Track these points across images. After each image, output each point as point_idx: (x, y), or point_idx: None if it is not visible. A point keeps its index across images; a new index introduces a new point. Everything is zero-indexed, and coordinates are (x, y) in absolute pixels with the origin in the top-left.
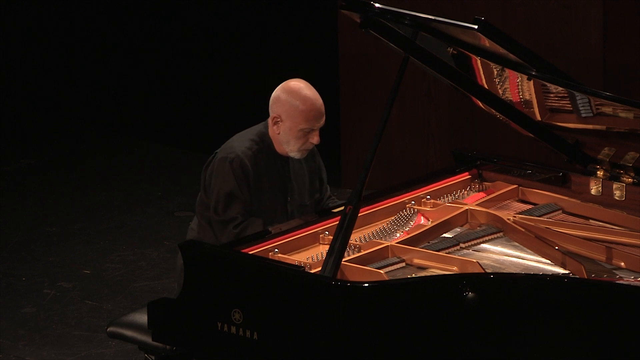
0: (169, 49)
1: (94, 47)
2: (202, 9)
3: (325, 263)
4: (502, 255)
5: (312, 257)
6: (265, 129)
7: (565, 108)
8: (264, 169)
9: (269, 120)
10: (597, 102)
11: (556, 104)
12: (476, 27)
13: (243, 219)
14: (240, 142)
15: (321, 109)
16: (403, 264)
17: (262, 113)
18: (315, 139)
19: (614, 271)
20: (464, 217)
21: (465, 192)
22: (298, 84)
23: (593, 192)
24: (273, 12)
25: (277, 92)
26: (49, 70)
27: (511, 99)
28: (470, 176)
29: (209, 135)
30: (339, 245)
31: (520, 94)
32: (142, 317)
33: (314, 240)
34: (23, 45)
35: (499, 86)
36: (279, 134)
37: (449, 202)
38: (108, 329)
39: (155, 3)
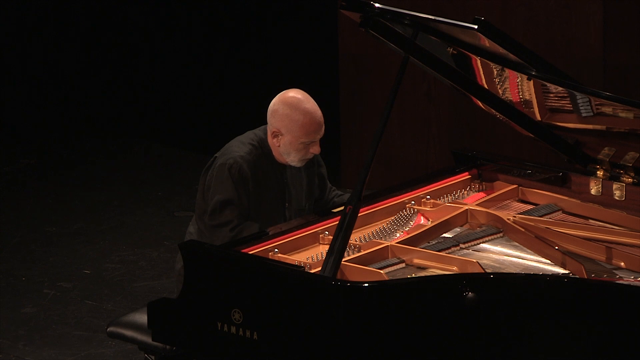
0: (169, 49)
1: (94, 47)
2: (203, 8)
3: (325, 263)
4: (502, 255)
5: (312, 257)
6: (264, 135)
7: (565, 108)
8: (262, 175)
9: (269, 133)
10: (597, 102)
11: (556, 104)
12: (476, 27)
13: (239, 222)
14: (239, 147)
15: (321, 121)
16: (403, 264)
17: (262, 113)
18: (315, 149)
19: (614, 271)
20: (464, 217)
21: (465, 192)
22: (296, 97)
23: (593, 192)
24: (273, 13)
25: (276, 104)
26: (49, 70)
27: (511, 99)
28: (470, 176)
29: (209, 135)
30: (339, 245)
31: (520, 94)
32: (142, 317)
33: (314, 240)
34: (23, 45)
35: (499, 86)
36: (279, 146)
37: (449, 202)
38: (108, 329)
39: (156, 3)
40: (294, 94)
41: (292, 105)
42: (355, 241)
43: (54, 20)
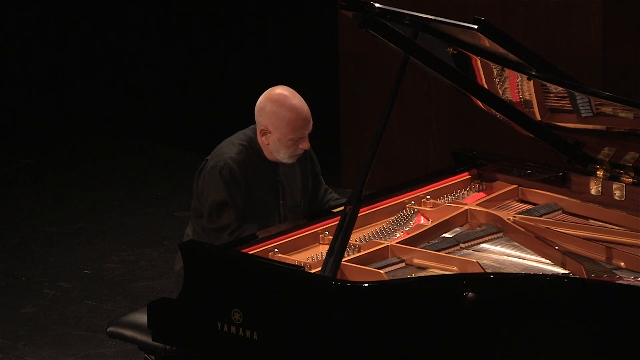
0: (168, 49)
1: (94, 47)
2: (203, 9)
3: (325, 263)
4: (502, 255)
5: (312, 257)
6: (254, 134)
7: (565, 108)
8: (253, 174)
9: (257, 131)
10: (597, 102)
11: (556, 104)
12: (476, 27)
13: (238, 225)
14: (229, 149)
15: (308, 117)
16: (403, 264)
17: None
18: (305, 145)
19: (614, 271)
20: (464, 217)
21: (465, 192)
22: (282, 93)
23: (593, 192)
24: (273, 13)
25: (263, 102)
26: (49, 70)
27: (511, 99)
28: (470, 176)
29: (209, 135)
30: (339, 245)
31: (520, 94)
32: (142, 317)
33: (314, 240)
34: (23, 45)
35: (499, 86)
36: (268, 144)
37: (449, 202)
38: (108, 329)
39: (156, 3)
40: (280, 90)
41: (278, 102)
42: (355, 241)
43: (54, 20)
